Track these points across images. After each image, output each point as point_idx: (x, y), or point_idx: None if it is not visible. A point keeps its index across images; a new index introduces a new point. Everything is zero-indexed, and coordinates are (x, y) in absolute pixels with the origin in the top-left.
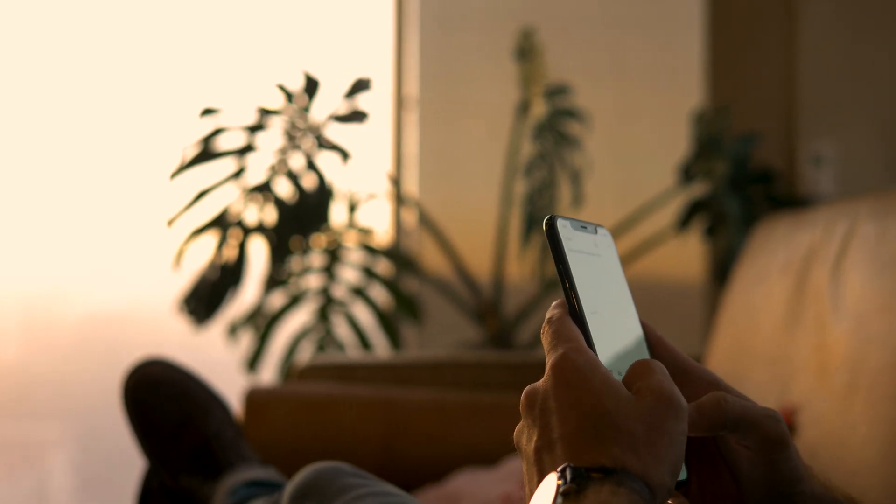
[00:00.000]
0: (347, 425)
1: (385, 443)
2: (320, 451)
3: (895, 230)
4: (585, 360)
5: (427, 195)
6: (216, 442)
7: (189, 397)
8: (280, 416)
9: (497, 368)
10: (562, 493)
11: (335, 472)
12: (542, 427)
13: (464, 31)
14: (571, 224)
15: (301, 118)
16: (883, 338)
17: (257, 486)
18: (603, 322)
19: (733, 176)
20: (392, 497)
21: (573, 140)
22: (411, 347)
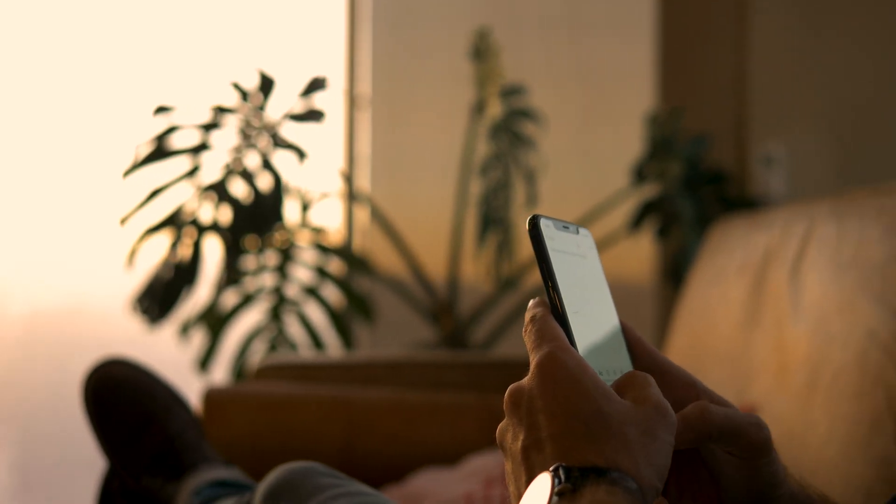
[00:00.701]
0: (307, 425)
1: (345, 442)
2: (280, 451)
3: (854, 232)
4: (573, 359)
5: (379, 194)
6: (179, 442)
7: (151, 397)
8: (239, 416)
9: (455, 368)
10: (557, 493)
11: (308, 472)
12: (530, 426)
13: (417, 30)
14: (554, 224)
15: (256, 117)
16: (843, 337)
17: (222, 487)
18: (584, 322)
19: (686, 177)
20: (366, 497)
21: (528, 140)
22: (364, 347)
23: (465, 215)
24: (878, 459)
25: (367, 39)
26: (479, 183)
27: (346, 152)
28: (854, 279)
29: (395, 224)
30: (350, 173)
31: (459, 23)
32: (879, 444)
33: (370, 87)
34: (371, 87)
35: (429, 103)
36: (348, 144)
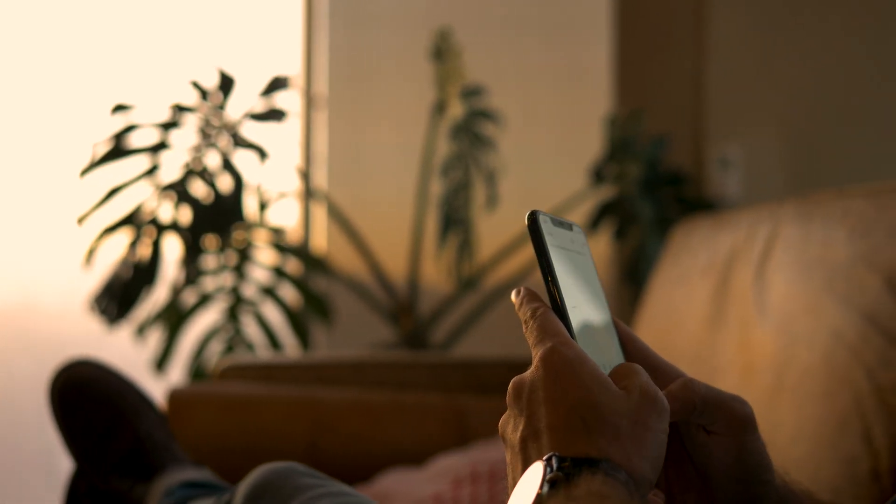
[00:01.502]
0: (272, 425)
1: (310, 442)
2: (245, 452)
3: (819, 233)
4: (575, 353)
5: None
6: (148, 443)
7: (119, 398)
8: (204, 416)
9: (419, 368)
10: (548, 481)
11: (289, 473)
12: (529, 417)
13: (375, 30)
14: (551, 219)
15: (216, 116)
16: (809, 338)
17: (194, 488)
18: (581, 316)
19: (646, 178)
20: (349, 497)
21: (488, 141)
22: (322, 347)
23: (425, 215)
24: (846, 458)
25: (324, 39)
26: (440, 183)
27: (303, 152)
28: (820, 280)
29: (355, 224)
30: (307, 172)
31: (419, 23)
32: (847, 443)
33: (327, 87)
34: (328, 86)
35: (388, 103)
36: (305, 144)
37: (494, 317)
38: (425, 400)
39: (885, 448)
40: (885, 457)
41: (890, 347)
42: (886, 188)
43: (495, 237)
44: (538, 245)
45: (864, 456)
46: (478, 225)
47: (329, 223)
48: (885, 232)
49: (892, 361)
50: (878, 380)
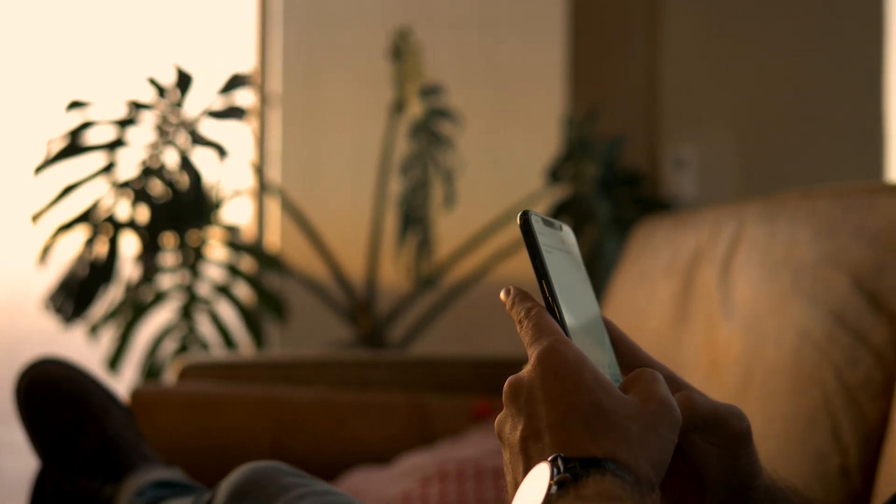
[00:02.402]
0: (235, 425)
1: (274, 442)
2: (208, 451)
3: (784, 233)
4: (573, 353)
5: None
6: (116, 442)
7: (87, 397)
8: (167, 415)
9: (381, 367)
10: (557, 483)
11: (273, 472)
12: (529, 416)
13: (330, 28)
14: (543, 220)
15: (173, 113)
16: (776, 336)
17: (166, 487)
18: (574, 315)
19: (603, 178)
20: (333, 496)
21: (446, 140)
22: (279, 346)
23: (383, 214)
24: (815, 455)
25: (278, 37)
26: (399, 182)
27: (257, 150)
28: (786, 280)
29: (313, 223)
30: (261, 170)
31: (376, 22)
32: (815, 440)
33: (281, 85)
34: (282, 84)
35: (345, 102)
36: (259, 142)
37: (452, 315)
38: (388, 399)
39: (854, 445)
40: (854, 453)
41: (857, 346)
42: (851, 189)
43: (453, 236)
44: (531, 246)
45: (833, 453)
46: (436, 224)
47: (284, 221)
48: (852, 232)
49: (859, 360)
50: (845, 378)
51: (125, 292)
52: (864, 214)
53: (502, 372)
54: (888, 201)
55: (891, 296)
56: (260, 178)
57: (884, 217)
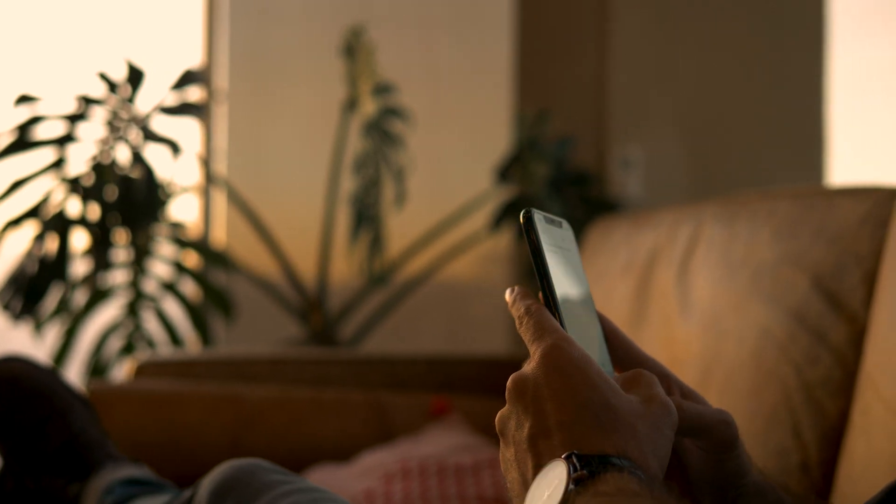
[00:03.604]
0: (194, 422)
1: (232, 439)
2: (167, 448)
3: (744, 233)
4: (578, 351)
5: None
6: (81, 439)
7: (50, 394)
8: (125, 413)
9: (338, 365)
10: (574, 480)
11: (255, 469)
12: (536, 414)
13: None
14: (544, 218)
15: (125, 109)
16: (736, 335)
17: (135, 485)
18: (572, 313)
19: (553, 178)
20: (318, 493)
21: (397, 139)
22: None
23: (335, 212)
24: (776, 452)
25: (225, 32)
26: (352, 180)
27: (204, 146)
28: (745, 279)
29: (263, 220)
30: (207, 166)
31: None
32: (776, 436)
33: (227, 81)
34: (229, 80)
35: (296, 99)
36: (205, 138)
37: (403, 313)
38: (346, 396)
39: (814, 441)
40: (814, 450)
41: (817, 345)
42: (811, 191)
43: (404, 234)
44: (533, 244)
45: (793, 449)
46: (388, 222)
47: (231, 217)
48: (812, 233)
49: (819, 358)
50: (806, 376)
51: (73, 289)
52: (824, 216)
53: (458, 370)
54: (847, 203)
55: (850, 296)
56: (207, 174)
57: (843, 218)
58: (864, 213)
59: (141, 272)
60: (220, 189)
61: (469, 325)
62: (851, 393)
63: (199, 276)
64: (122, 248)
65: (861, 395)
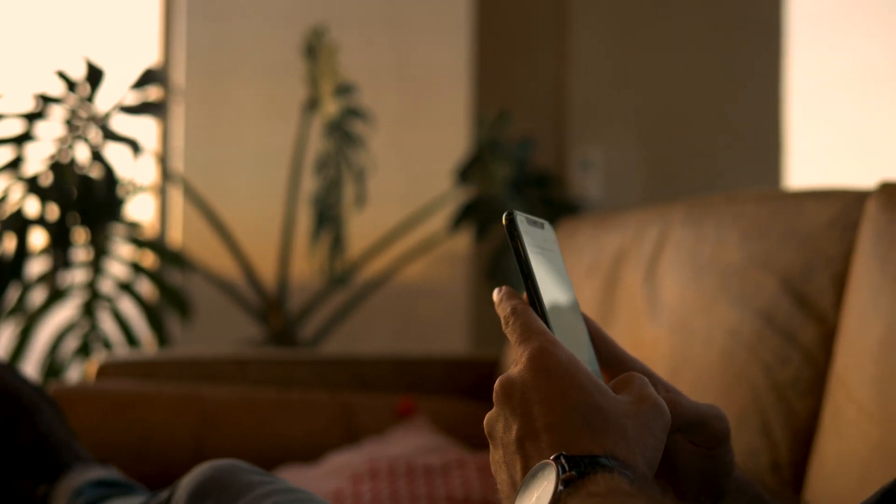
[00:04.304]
0: (158, 423)
1: (197, 440)
2: (132, 449)
3: (711, 235)
4: (565, 354)
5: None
6: (50, 441)
7: (17, 394)
8: (89, 414)
9: (303, 365)
10: (563, 481)
11: (234, 470)
12: (524, 416)
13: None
14: (526, 219)
15: (83, 108)
16: (704, 336)
17: (105, 487)
18: (558, 314)
19: (514, 179)
20: (297, 493)
21: (358, 139)
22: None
23: (295, 212)
24: (746, 452)
25: (183, 30)
26: (313, 180)
27: (161, 144)
28: (713, 281)
29: (221, 219)
30: (163, 166)
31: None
32: (746, 436)
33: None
34: (185, 77)
35: (256, 99)
36: (162, 137)
37: (363, 313)
38: (311, 397)
39: (784, 441)
40: (785, 449)
41: (786, 345)
42: (778, 194)
43: (365, 234)
44: (516, 246)
45: (763, 449)
46: (348, 222)
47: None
48: (780, 235)
49: (789, 359)
50: (775, 376)
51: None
52: (792, 218)
53: (423, 371)
54: (815, 206)
55: (819, 297)
56: (163, 172)
57: (811, 221)
58: (832, 215)
59: (98, 272)
60: (177, 188)
61: (428, 325)
62: (821, 393)
63: (156, 276)
64: (80, 248)
65: (832, 396)
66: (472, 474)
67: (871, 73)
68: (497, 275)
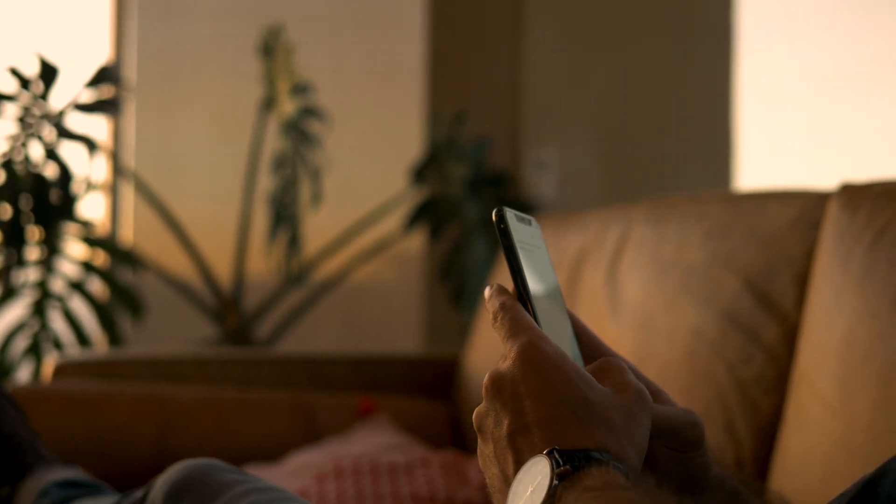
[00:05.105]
0: (118, 423)
1: (158, 440)
2: (92, 450)
3: (674, 235)
4: (553, 349)
5: (147, 186)
6: (13, 442)
7: None
8: (47, 414)
9: (262, 365)
10: (559, 475)
11: (211, 469)
12: (515, 411)
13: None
14: (515, 216)
15: (37, 105)
16: (668, 334)
17: (71, 487)
18: (545, 310)
19: (471, 179)
20: (276, 492)
21: (314, 139)
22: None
23: (252, 210)
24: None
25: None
26: (270, 179)
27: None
28: (676, 280)
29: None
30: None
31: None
32: (710, 433)
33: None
34: (137, 75)
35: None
36: (113, 135)
37: (317, 313)
38: (272, 396)
39: (748, 438)
40: (748, 446)
41: (750, 344)
42: (740, 195)
43: (321, 234)
44: (506, 242)
45: (727, 446)
46: (305, 221)
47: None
48: (742, 235)
49: (752, 357)
50: (739, 374)
51: None
52: (755, 218)
53: (381, 370)
54: (777, 207)
55: (781, 296)
56: (115, 170)
57: (773, 221)
58: (794, 215)
59: (49, 271)
60: (128, 186)
61: (381, 325)
62: (785, 390)
63: (107, 275)
64: (32, 247)
65: (795, 393)
66: (436, 472)
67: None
68: (450, 275)
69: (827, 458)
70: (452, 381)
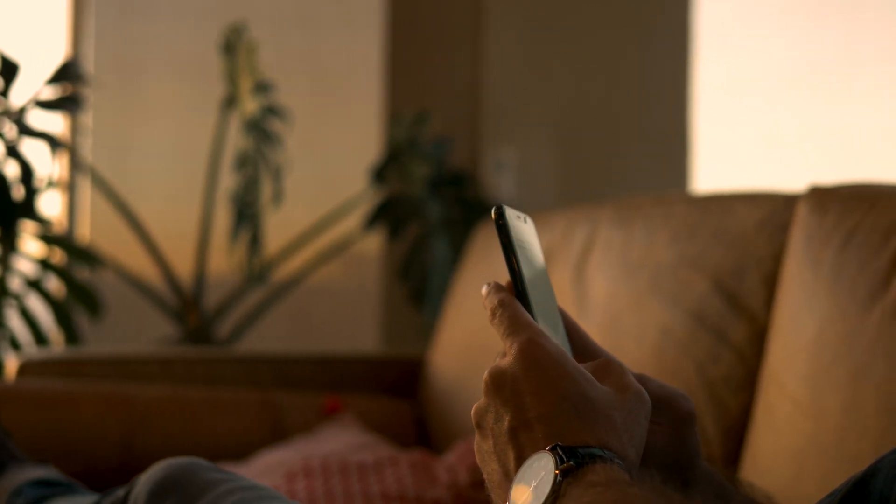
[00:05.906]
0: (84, 422)
1: (125, 440)
2: (58, 449)
3: (641, 236)
4: (553, 346)
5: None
6: None
7: None
8: (12, 413)
9: (229, 364)
10: (563, 471)
11: (194, 468)
12: (516, 408)
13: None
14: (514, 214)
15: None
16: (636, 334)
17: (44, 486)
18: (541, 307)
19: (433, 178)
20: (260, 490)
21: (276, 138)
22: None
23: (213, 210)
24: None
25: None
26: (232, 178)
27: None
28: (644, 280)
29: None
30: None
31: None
32: None
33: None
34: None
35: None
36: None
37: (276, 312)
38: (239, 395)
39: (717, 437)
40: (718, 445)
41: (718, 344)
42: (707, 196)
43: (281, 233)
44: (505, 240)
45: None
46: (266, 220)
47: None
48: (710, 236)
49: (720, 357)
50: (708, 374)
51: None
52: (722, 219)
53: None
54: (745, 208)
55: (750, 296)
56: (72, 167)
57: (741, 222)
58: (762, 217)
59: (6, 269)
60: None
61: (340, 324)
62: (753, 390)
63: (64, 273)
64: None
65: (764, 392)
66: (404, 471)
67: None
68: (410, 275)
69: (797, 457)
70: (417, 381)
